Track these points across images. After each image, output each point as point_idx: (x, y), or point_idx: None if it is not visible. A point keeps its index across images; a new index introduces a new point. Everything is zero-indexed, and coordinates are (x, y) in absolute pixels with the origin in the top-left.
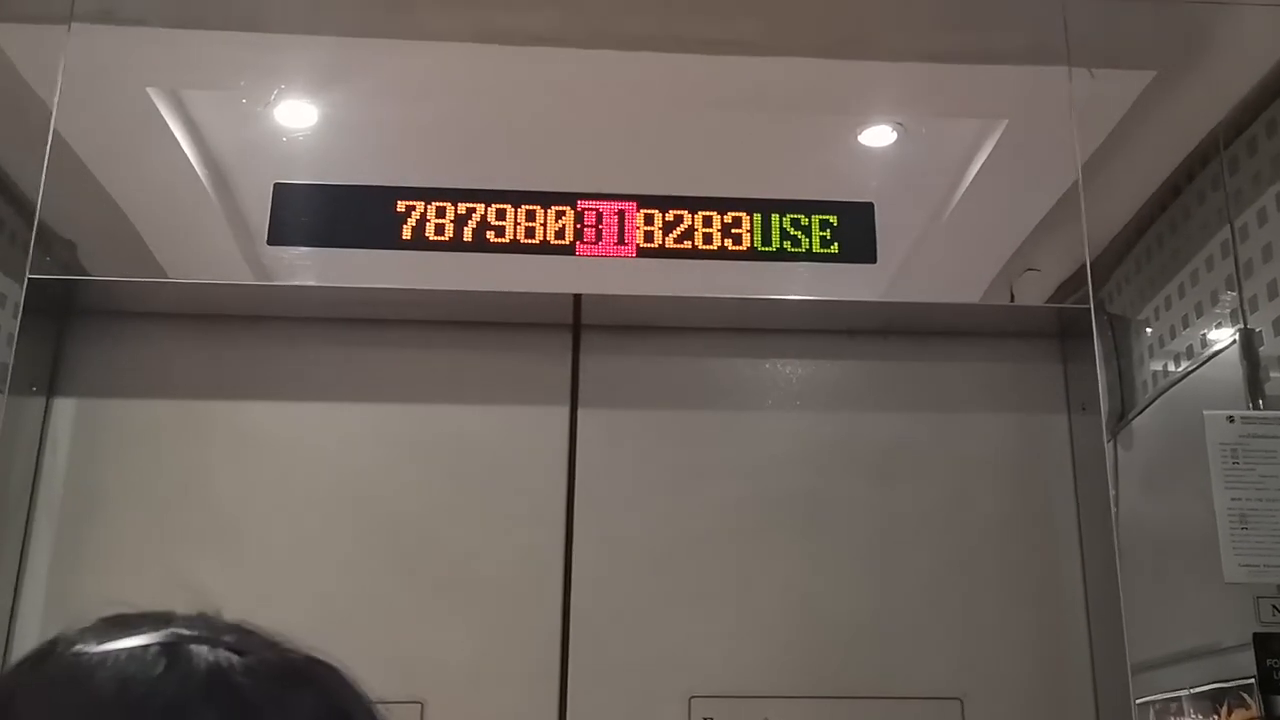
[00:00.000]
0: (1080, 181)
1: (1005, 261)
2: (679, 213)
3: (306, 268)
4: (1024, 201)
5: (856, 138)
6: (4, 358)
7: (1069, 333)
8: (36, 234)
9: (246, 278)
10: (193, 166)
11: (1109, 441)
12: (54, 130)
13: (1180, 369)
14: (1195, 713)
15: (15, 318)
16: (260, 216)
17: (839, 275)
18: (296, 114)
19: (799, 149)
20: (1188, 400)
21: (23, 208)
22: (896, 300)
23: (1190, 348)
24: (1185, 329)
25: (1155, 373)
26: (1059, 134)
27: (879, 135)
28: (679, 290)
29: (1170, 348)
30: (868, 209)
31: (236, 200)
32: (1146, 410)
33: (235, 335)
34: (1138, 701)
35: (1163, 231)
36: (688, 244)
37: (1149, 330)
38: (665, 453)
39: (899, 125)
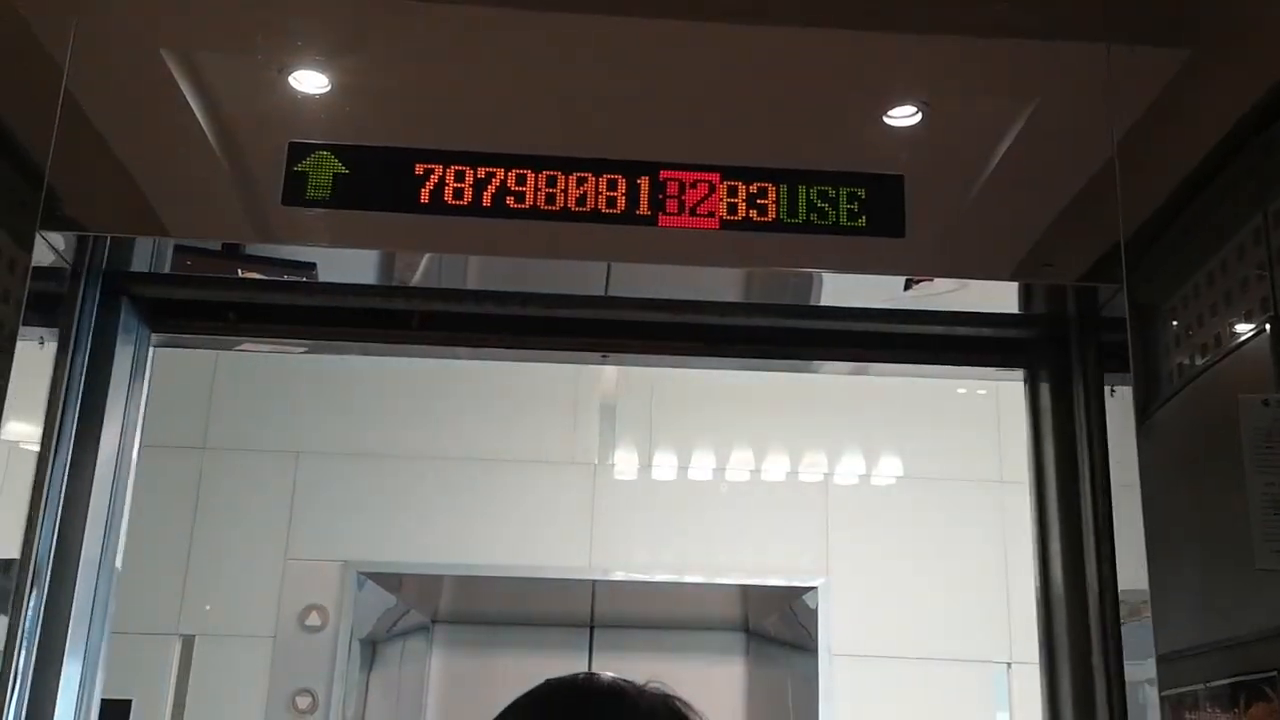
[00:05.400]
0: (1116, 161)
1: (1033, 243)
2: (704, 180)
3: (320, 229)
4: (1051, 182)
5: (883, 116)
6: (12, 323)
7: (1096, 315)
8: (46, 196)
9: (259, 238)
10: (206, 126)
11: (1137, 428)
12: (65, 90)
13: (1208, 358)
14: (1213, 707)
15: (24, 282)
16: (275, 176)
17: (866, 249)
18: (313, 74)
19: (823, 124)
20: (1216, 389)
21: (32, 170)
22: (925, 276)
23: (1218, 336)
24: (1214, 317)
25: (1182, 362)
26: (1089, 113)
27: (905, 112)
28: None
29: (1198, 336)
30: (897, 182)
31: (250, 160)
32: (1174, 399)
33: None
34: (1164, 694)
35: (1193, 217)
36: (712, 213)
37: (1177, 319)
38: None
39: (924, 104)
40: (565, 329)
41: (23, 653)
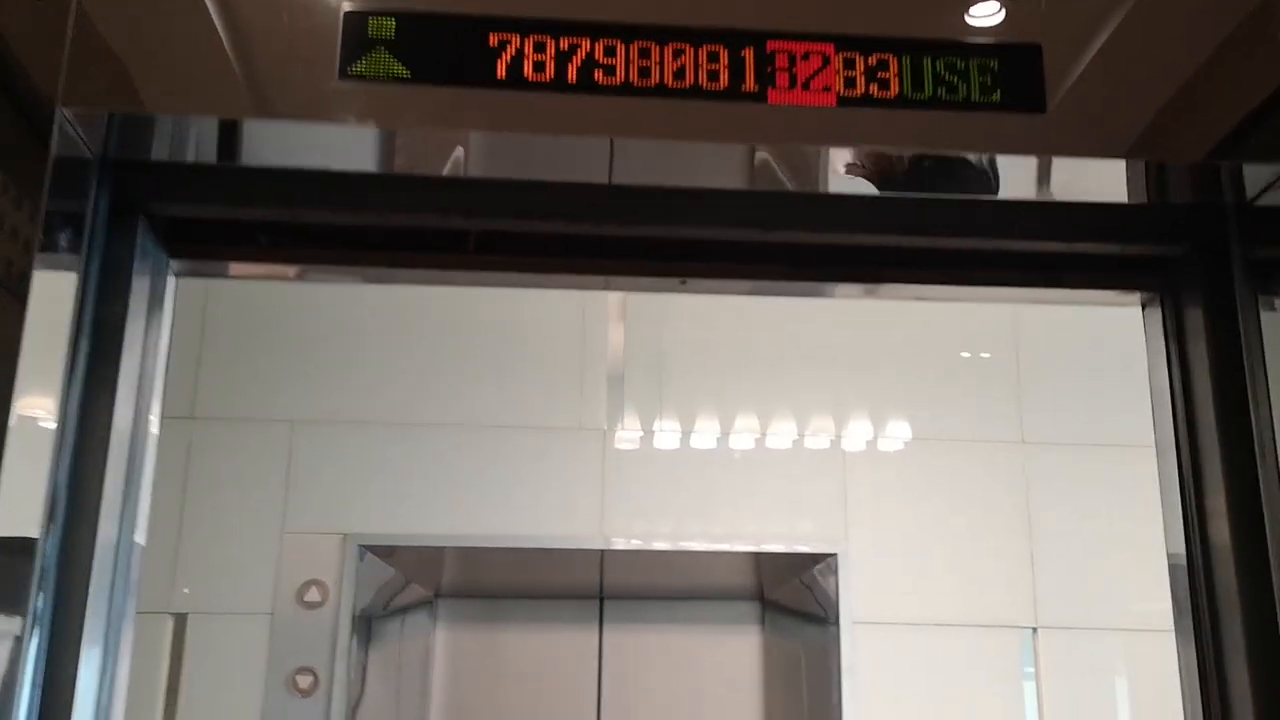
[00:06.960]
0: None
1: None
2: (817, 52)
3: (383, 105)
4: (1171, 57)
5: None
6: (23, 265)
7: (1246, 207)
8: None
9: (315, 115)
10: None
11: None
12: None
13: None
14: None
15: (39, 215)
16: (329, 49)
17: (1003, 126)
18: None
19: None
20: None
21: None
22: (1063, 156)
23: None
24: None
25: None
26: None
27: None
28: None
29: None
30: (1034, 51)
31: (301, 31)
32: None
33: None
34: None
35: None
36: (828, 88)
37: None
38: None
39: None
40: (641, 252)
41: (39, 609)
